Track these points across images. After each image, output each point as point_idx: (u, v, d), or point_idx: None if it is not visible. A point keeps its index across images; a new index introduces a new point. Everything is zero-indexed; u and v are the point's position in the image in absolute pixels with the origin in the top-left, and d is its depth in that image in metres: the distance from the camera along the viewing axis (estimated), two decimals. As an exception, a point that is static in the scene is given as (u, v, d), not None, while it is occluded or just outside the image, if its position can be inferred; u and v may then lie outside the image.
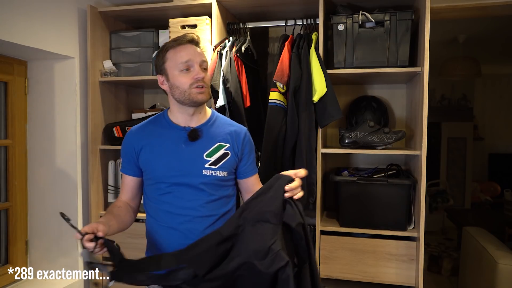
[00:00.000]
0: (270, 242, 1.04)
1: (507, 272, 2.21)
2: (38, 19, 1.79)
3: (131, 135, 1.32)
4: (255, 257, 1.03)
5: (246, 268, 1.03)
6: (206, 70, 1.26)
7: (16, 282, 1.98)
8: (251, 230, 1.07)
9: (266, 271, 1.00)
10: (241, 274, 1.04)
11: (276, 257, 1.01)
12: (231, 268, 1.04)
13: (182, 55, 1.22)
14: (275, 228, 1.07)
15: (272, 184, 1.13)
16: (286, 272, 1.00)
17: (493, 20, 3.27)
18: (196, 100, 1.23)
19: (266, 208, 1.09)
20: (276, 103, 1.81)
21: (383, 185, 1.79)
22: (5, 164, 1.95)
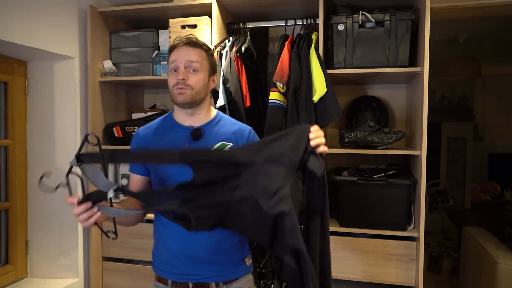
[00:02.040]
0: (279, 184, 1.02)
1: (507, 272, 2.21)
2: (38, 19, 1.79)
3: (138, 135, 1.34)
4: (261, 194, 1.01)
5: (249, 204, 1.01)
6: (197, 71, 1.24)
7: (16, 282, 1.98)
8: (264, 168, 1.05)
9: (269, 211, 0.98)
10: (242, 211, 1.02)
11: (282, 200, 0.99)
12: (235, 199, 1.02)
13: (172, 56, 1.25)
14: (288, 174, 1.05)
15: (295, 131, 1.11)
16: (292, 220, 0.98)
17: (493, 20, 3.26)
18: (175, 101, 1.24)
19: (286, 152, 1.07)
20: (276, 103, 1.81)
21: (383, 185, 1.79)
22: (5, 164, 1.95)
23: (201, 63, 1.25)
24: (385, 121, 2.09)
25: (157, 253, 1.31)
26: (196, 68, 1.24)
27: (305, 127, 1.12)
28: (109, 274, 2.11)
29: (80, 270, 2.05)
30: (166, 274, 1.26)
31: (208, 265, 1.22)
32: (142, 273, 2.05)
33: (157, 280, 1.30)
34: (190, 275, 1.23)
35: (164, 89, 2.49)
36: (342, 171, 2.04)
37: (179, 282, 1.24)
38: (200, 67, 1.25)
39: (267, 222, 1.00)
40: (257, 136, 1.36)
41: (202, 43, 1.28)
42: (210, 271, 1.23)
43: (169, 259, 1.25)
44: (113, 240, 1.14)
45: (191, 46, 1.25)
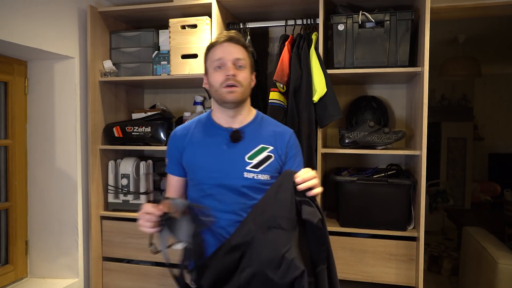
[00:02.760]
0: (283, 250, 0.98)
1: (507, 272, 2.21)
2: (38, 19, 1.79)
3: (176, 135, 1.31)
4: (268, 266, 0.97)
5: (259, 279, 0.97)
6: (243, 68, 1.20)
7: (16, 282, 1.98)
8: (262, 238, 1.01)
9: (281, 281, 0.95)
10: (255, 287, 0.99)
11: (290, 266, 0.95)
12: (244, 280, 0.99)
13: (217, 53, 1.20)
14: (288, 235, 1.00)
15: (281, 183, 1.06)
16: (301, 283, 0.94)
17: (493, 20, 3.27)
18: (225, 100, 1.19)
19: (277, 213, 1.02)
20: (276, 103, 1.81)
21: (383, 185, 1.79)
22: (5, 164, 1.95)
23: (246, 60, 1.22)
24: (385, 121, 2.09)
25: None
26: (243, 65, 1.20)
27: (288, 174, 1.06)
28: (109, 274, 2.11)
29: (80, 270, 2.05)
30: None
31: None
32: (142, 273, 2.05)
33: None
34: None
35: (164, 89, 2.49)
36: (342, 171, 2.05)
37: None
38: (246, 64, 1.21)
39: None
40: (297, 139, 1.31)
41: (243, 40, 1.25)
42: None
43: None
44: (151, 253, 1.14)
45: (235, 43, 1.21)
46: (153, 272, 2.04)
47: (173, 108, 2.44)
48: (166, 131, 2.03)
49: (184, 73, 1.96)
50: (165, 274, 2.02)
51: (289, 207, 1.03)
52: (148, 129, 2.03)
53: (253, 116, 1.29)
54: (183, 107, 2.43)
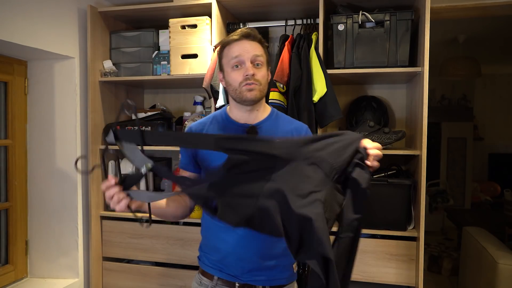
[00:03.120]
0: (314, 189, 0.95)
1: (507, 272, 2.21)
2: (38, 19, 1.79)
3: (191, 130, 1.30)
4: (292, 191, 0.94)
5: (278, 199, 0.95)
6: (261, 66, 1.19)
7: (16, 282, 1.98)
8: (301, 167, 0.98)
9: (296, 210, 0.92)
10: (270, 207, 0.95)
11: (312, 203, 0.93)
12: (265, 191, 0.96)
13: (234, 51, 1.18)
14: (324, 180, 0.98)
15: (344, 137, 1.03)
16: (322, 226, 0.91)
17: (493, 20, 3.27)
18: (245, 98, 1.18)
19: (328, 158, 0.99)
20: (276, 103, 1.81)
21: (383, 185, 1.79)
22: (5, 164, 1.95)
23: (263, 56, 1.20)
24: (385, 121, 2.09)
25: (205, 250, 1.28)
26: (261, 62, 1.19)
27: (357, 136, 1.04)
28: (109, 274, 2.11)
29: (80, 270, 2.05)
30: (214, 271, 1.24)
31: (258, 270, 1.20)
32: (142, 273, 2.06)
33: (202, 274, 1.27)
34: (239, 277, 1.21)
35: (164, 89, 2.49)
36: (342, 171, 2.04)
37: (226, 280, 1.21)
38: (263, 61, 1.20)
39: (294, 223, 0.94)
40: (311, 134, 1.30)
41: (259, 36, 1.22)
42: (259, 275, 1.20)
43: (220, 259, 1.22)
44: (146, 228, 1.10)
45: (252, 39, 1.19)
46: (153, 272, 2.04)
47: (173, 108, 2.44)
48: (166, 131, 2.02)
49: (184, 73, 1.96)
50: (165, 274, 2.03)
51: (338, 159, 1.00)
52: (148, 129, 2.03)
53: (269, 112, 1.28)
54: (183, 107, 2.43)
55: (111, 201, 1.00)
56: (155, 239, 2.02)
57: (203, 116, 2.14)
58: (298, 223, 0.93)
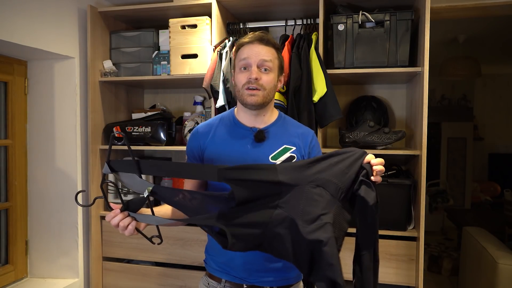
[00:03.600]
0: (322, 211, 0.97)
1: (507, 272, 2.21)
2: (38, 19, 1.79)
3: (198, 132, 1.28)
4: (301, 217, 0.95)
5: (287, 226, 0.96)
6: (269, 71, 1.18)
7: (16, 282, 1.98)
8: (307, 191, 0.99)
9: (307, 236, 0.93)
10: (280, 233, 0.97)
11: (322, 227, 0.94)
12: (274, 219, 0.97)
13: (243, 53, 1.18)
14: (331, 201, 0.99)
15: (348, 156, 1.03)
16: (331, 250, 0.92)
17: (493, 20, 3.27)
18: (245, 102, 1.18)
19: (333, 178, 1.00)
20: (276, 103, 1.81)
21: (383, 185, 1.78)
22: (5, 164, 1.95)
23: (273, 62, 1.19)
24: (385, 121, 2.09)
25: (211, 253, 1.28)
26: (268, 68, 1.18)
27: (360, 153, 1.05)
28: (109, 274, 2.11)
29: (80, 270, 2.05)
30: (221, 274, 1.24)
31: (265, 272, 1.20)
32: (142, 273, 2.06)
33: (209, 277, 1.27)
34: (246, 279, 1.21)
35: (164, 89, 2.49)
36: (342, 171, 2.04)
37: (234, 282, 1.22)
38: (272, 66, 1.18)
39: (305, 248, 0.95)
40: (317, 140, 1.31)
41: (274, 41, 1.22)
42: (267, 276, 1.21)
43: (226, 261, 1.22)
44: (158, 245, 1.10)
45: (263, 43, 1.18)
46: (153, 272, 2.04)
47: (173, 108, 2.44)
48: (166, 131, 2.02)
49: (184, 73, 1.96)
50: (165, 274, 2.03)
51: (343, 178, 1.01)
52: (148, 129, 2.03)
53: (276, 117, 1.28)
54: (183, 107, 2.43)
55: (118, 228, 1.02)
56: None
57: (203, 116, 2.14)
58: (309, 247, 0.94)
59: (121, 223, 1.02)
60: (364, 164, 1.03)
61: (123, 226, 1.02)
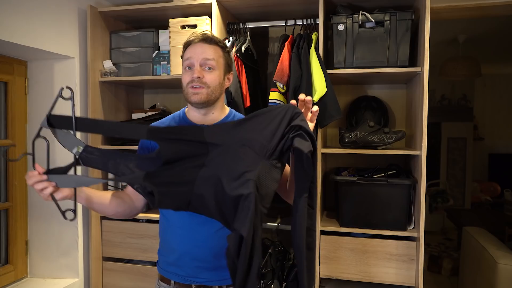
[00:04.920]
0: (246, 168, 1.00)
1: (507, 272, 2.21)
2: (38, 19, 1.79)
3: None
4: (226, 175, 0.99)
5: (212, 184, 0.99)
6: (213, 69, 1.20)
7: (16, 282, 1.98)
8: (232, 149, 1.03)
9: (231, 192, 0.96)
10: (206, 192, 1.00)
11: (244, 183, 0.97)
12: (200, 178, 1.00)
13: (187, 52, 1.21)
14: (256, 159, 1.02)
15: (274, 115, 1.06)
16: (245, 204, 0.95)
17: (493, 20, 3.27)
18: (190, 100, 1.20)
19: (258, 137, 1.04)
20: (276, 103, 1.81)
21: (383, 185, 1.79)
22: (5, 164, 1.95)
23: (217, 60, 1.21)
24: (385, 121, 2.09)
25: (163, 253, 1.30)
26: (212, 66, 1.19)
27: (286, 109, 1.07)
28: (109, 274, 2.11)
29: (80, 270, 2.05)
30: (170, 275, 1.25)
31: (213, 270, 1.21)
32: (142, 273, 2.05)
33: (160, 280, 1.29)
34: (194, 278, 1.22)
35: (164, 89, 2.49)
36: (342, 171, 2.04)
37: (183, 283, 1.23)
38: (216, 64, 1.20)
39: (230, 205, 0.98)
40: None
41: (218, 39, 1.24)
42: (214, 275, 1.22)
43: (175, 260, 1.24)
44: (71, 221, 1.08)
45: (207, 42, 1.20)
46: (153, 272, 2.04)
47: (173, 108, 2.44)
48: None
49: (184, 73, 1.96)
50: (165, 274, 2.02)
51: (270, 138, 1.04)
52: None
53: (226, 114, 1.31)
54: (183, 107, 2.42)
55: (35, 187, 1.03)
56: (155, 239, 2.02)
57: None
58: (233, 204, 0.97)
59: (36, 186, 1.03)
60: (293, 123, 1.05)
61: (38, 189, 1.02)
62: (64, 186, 1.07)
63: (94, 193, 1.18)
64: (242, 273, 0.96)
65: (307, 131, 1.04)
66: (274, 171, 1.06)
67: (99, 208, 1.20)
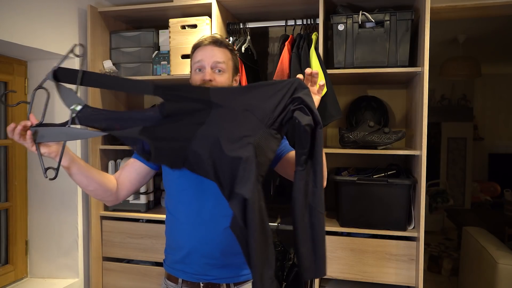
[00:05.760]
0: (246, 133, 0.99)
1: (507, 272, 2.21)
2: (38, 19, 1.79)
3: None
4: (225, 136, 0.98)
5: (211, 142, 0.98)
6: (223, 72, 1.22)
7: (16, 282, 1.98)
8: (235, 113, 1.03)
9: (228, 153, 0.95)
10: (203, 149, 0.98)
11: (243, 146, 0.96)
12: (198, 135, 0.99)
13: (198, 55, 1.23)
14: (257, 125, 1.02)
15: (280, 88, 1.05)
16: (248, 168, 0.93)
17: (493, 20, 3.27)
18: None
19: (262, 104, 1.03)
20: (276, 103, 1.81)
21: (383, 185, 1.79)
22: (5, 164, 1.95)
23: (227, 63, 1.23)
24: (385, 121, 2.09)
25: (169, 251, 1.29)
26: (222, 69, 1.22)
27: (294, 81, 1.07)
28: (109, 274, 2.11)
29: (80, 270, 2.05)
30: (178, 273, 1.25)
31: (221, 268, 1.21)
32: (142, 273, 2.05)
33: (167, 278, 1.29)
34: (202, 275, 1.22)
35: (164, 89, 2.49)
36: (342, 171, 2.05)
37: (190, 281, 1.23)
38: (225, 67, 1.23)
39: (226, 166, 0.97)
40: None
41: (227, 42, 1.27)
42: (222, 273, 1.22)
43: (182, 258, 1.23)
44: (50, 180, 1.06)
45: (217, 45, 1.23)
46: (153, 272, 2.04)
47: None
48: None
49: (184, 73, 1.96)
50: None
51: (273, 108, 1.04)
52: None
53: None
54: (183, 107, 2.43)
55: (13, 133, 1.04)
56: (155, 239, 2.02)
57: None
58: (230, 165, 0.96)
59: (18, 128, 1.05)
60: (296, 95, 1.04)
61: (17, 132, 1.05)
62: (53, 139, 1.06)
63: (81, 161, 1.16)
64: (255, 241, 0.91)
65: (308, 106, 1.02)
66: (273, 141, 1.05)
67: (80, 179, 1.17)
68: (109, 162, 2.14)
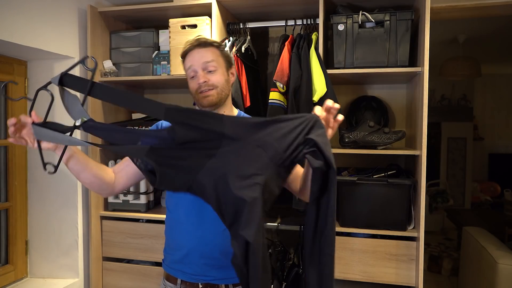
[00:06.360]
0: (255, 172, 0.97)
1: (507, 272, 2.21)
2: (38, 19, 1.79)
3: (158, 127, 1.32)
4: (234, 172, 0.96)
5: (218, 176, 0.96)
6: (215, 70, 1.23)
7: (16, 282, 1.98)
8: (247, 148, 1.00)
9: (234, 191, 0.94)
10: (210, 182, 0.97)
11: (251, 186, 0.95)
12: (206, 167, 0.97)
13: (187, 62, 1.25)
14: (268, 164, 0.99)
15: (296, 125, 1.01)
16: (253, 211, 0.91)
17: (493, 20, 3.27)
18: (202, 104, 1.24)
19: (275, 143, 1.00)
20: (276, 103, 1.81)
21: (383, 185, 1.79)
22: (5, 164, 1.95)
23: (217, 60, 1.25)
24: (385, 121, 2.09)
25: (169, 251, 1.30)
26: (213, 67, 1.23)
27: (311, 120, 1.02)
28: (109, 274, 2.11)
29: (80, 270, 2.05)
30: (177, 273, 1.25)
31: (220, 268, 1.22)
32: (142, 273, 2.05)
33: (166, 279, 1.29)
34: (201, 276, 1.22)
35: (164, 89, 2.49)
36: (342, 171, 2.04)
37: (189, 282, 1.23)
38: (217, 65, 1.24)
39: (230, 202, 0.95)
40: None
41: (212, 40, 1.28)
42: (221, 273, 1.22)
43: (182, 258, 1.24)
44: (49, 174, 1.06)
45: (202, 46, 1.24)
46: (153, 272, 2.04)
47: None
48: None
49: (184, 73, 1.95)
50: (165, 274, 2.03)
51: (286, 148, 1.00)
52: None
53: (236, 114, 1.34)
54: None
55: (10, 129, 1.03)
56: (155, 239, 2.02)
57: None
58: (234, 202, 0.95)
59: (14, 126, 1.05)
60: (309, 136, 1.00)
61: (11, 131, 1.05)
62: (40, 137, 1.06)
63: (80, 154, 1.17)
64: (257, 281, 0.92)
65: (321, 149, 0.98)
66: (280, 179, 1.05)
67: (77, 169, 1.16)
68: (109, 162, 2.14)
